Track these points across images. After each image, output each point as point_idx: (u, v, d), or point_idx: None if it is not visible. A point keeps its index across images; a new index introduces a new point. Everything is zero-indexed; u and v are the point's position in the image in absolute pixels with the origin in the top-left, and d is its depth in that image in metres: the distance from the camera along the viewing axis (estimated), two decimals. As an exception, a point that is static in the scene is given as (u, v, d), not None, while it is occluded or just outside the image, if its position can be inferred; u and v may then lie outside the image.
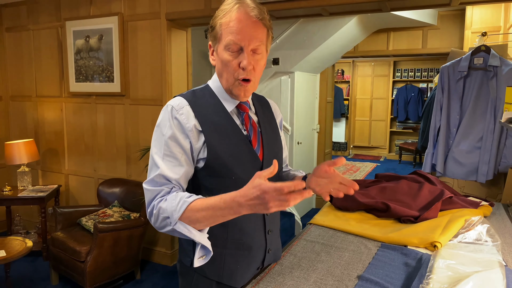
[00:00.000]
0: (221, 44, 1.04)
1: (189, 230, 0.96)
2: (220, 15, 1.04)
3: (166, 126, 1.05)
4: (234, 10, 1.01)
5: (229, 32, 1.01)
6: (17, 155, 3.49)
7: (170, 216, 0.96)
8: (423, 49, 4.86)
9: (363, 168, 7.66)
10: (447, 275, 1.14)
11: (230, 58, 1.03)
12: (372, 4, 2.55)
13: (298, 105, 4.32)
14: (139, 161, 3.34)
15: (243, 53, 1.02)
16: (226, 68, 1.05)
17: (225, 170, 1.07)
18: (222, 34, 1.03)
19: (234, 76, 1.05)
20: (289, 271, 1.24)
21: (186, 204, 0.95)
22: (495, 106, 2.54)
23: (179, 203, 0.96)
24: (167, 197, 1.00)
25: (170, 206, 0.97)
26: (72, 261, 2.81)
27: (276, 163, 0.88)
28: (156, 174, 1.02)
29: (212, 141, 1.06)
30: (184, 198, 0.97)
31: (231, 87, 1.08)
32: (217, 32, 1.04)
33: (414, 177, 2.00)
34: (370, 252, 1.38)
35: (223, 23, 1.02)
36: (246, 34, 1.01)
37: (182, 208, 0.95)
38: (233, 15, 1.01)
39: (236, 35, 1.01)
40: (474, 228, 1.53)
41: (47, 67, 3.82)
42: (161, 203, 0.99)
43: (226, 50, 1.03)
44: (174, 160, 1.03)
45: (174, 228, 0.96)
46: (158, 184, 1.02)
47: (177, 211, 0.95)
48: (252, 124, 1.15)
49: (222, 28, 1.03)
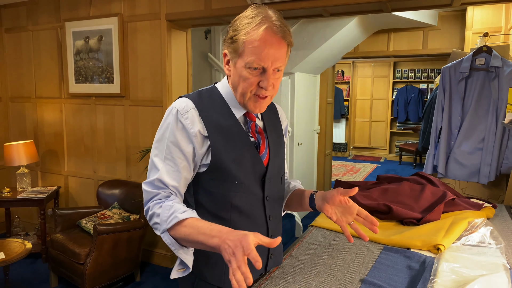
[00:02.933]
0: (241, 60, 1.00)
1: (172, 243, 0.98)
2: (243, 29, 0.98)
3: (169, 129, 1.03)
4: (261, 31, 0.96)
5: (253, 52, 0.97)
6: (16, 156, 3.48)
7: (160, 224, 0.99)
8: (423, 49, 4.85)
9: (363, 169, 7.65)
10: (452, 278, 1.12)
11: (250, 76, 1.00)
12: (373, 5, 2.54)
13: (299, 106, 4.31)
14: (139, 163, 3.32)
15: (265, 73, 0.99)
16: (244, 84, 1.02)
17: (228, 175, 1.06)
18: (245, 52, 0.98)
19: (251, 92, 1.03)
20: (291, 275, 1.22)
21: (175, 220, 0.96)
22: (497, 107, 2.53)
23: (170, 216, 0.97)
24: (163, 204, 1.00)
25: (162, 215, 0.99)
26: (71, 263, 2.80)
27: (280, 239, 0.88)
28: (154, 178, 1.02)
29: (217, 145, 1.04)
30: (176, 213, 0.97)
31: (246, 101, 1.05)
32: (239, 47, 0.99)
33: (416, 179, 1.98)
34: (373, 255, 1.37)
35: (247, 41, 0.97)
36: (270, 56, 0.98)
37: (171, 223, 0.97)
38: (259, 35, 0.96)
39: (260, 57, 0.97)
40: (478, 230, 1.52)
41: (46, 68, 3.81)
42: (156, 207, 1.01)
43: (247, 68, 0.99)
44: (174, 165, 1.03)
45: (161, 236, 1.00)
46: (156, 187, 1.03)
47: (167, 223, 0.97)
48: (258, 131, 1.13)
49: (245, 45, 0.98)
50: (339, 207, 1.07)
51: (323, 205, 1.08)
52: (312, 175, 4.98)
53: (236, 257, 0.80)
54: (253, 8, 1.01)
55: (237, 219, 1.10)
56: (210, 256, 1.09)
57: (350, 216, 1.07)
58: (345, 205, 1.05)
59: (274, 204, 1.19)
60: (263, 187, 1.13)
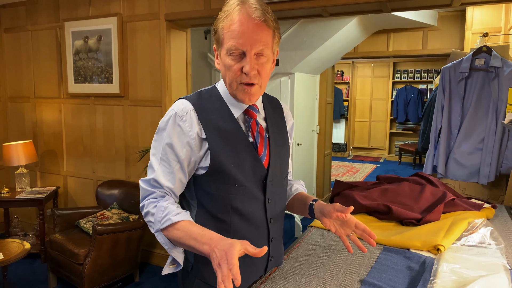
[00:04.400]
0: (223, 48, 1.00)
1: (166, 243, 1.02)
2: (222, 17, 0.99)
3: (165, 131, 1.04)
4: (235, 12, 0.96)
5: (230, 36, 0.96)
6: (15, 156, 3.47)
7: (154, 223, 1.02)
8: (423, 50, 4.85)
9: (363, 170, 7.65)
10: (452, 279, 1.12)
11: (232, 63, 0.98)
12: (373, 5, 2.54)
13: (298, 106, 4.30)
14: (138, 163, 3.31)
15: (246, 58, 0.97)
16: (229, 73, 1.01)
17: (228, 177, 1.05)
18: (224, 38, 0.98)
19: (236, 81, 1.01)
20: (291, 275, 1.21)
21: (168, 222, 0.99)
22: (497, 107, 2.53)
23: (164, 218, 1.00)
24: (158, 204, 1.02)
25: (156, 215, 1.01)
26: (70, 264, 2.79)
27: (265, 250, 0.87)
28: (151, 178, 1.05)
29: (216, 147, 1.03)
30: (170, 215, 0.99)
31: (235, 92, 1.04)
32: (219, 35, 1.00)
33: (416, 179, 1.98)
34: (373, 255, 1.36)
35: (225, 26, 0.97)
36: (248, 38, 0.95)
37: (164, 225, 0.99)
38: (235, 17, 0.96)
39: (237, 39, 0.96)
40: (478, 231, 1.51)
41: (45, 68, 3.80)
42: (151, 206, 1.03)
43: (228, 55, 0.99)
44: (169, 167, 1.04)
45: (155, 235, 1.03)
46: (152, 186, 1.05)
47: (160, 224, 1.00)
48: (259, 130, 1.11)
49: (223, 32, 0.98)
50: (337, 221, 1.10)
51: (321, 218, 1.12)
52: (312, 175, 4.98)
53: (221, 270, 0.81)
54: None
55: (237, 222, 1.08)
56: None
57: (349, 229, 1.10)
58: (342, 220, 1.08)
59: (276, 207, 1.17)
60: (264, 189, 1.11)
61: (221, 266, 0.82)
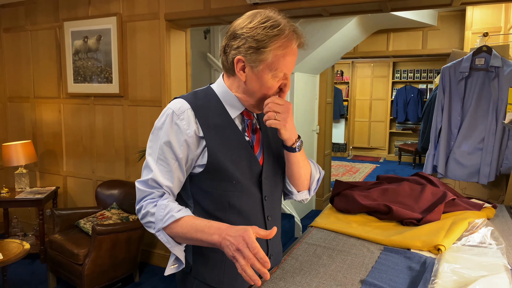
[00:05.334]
0: (268, 69, 1.01)
1: (168, 241, 1.01)
2: (272, 41, 0.99)
3: (162, 130, 1.04)
4: (293, 47, 1.02)
5: (284, 65, 1.01)
6: (14, 156, 3.46)
7: (155, 223, 1.01)
8: (423, 49, 4.85)
9: (363, 169, 7.65)
10: (453, 279, 1.11)
11: (275, 84, 1.04)
12: (373, 4, 2.54)
13: (298, 106, 4.30)
14: (137, 163, 3.31)
15: (287, 79, 1.05)
16: (267, 90, 1.04)
17: (225, 175, 1.06)
18: (274, 63, 1.01)
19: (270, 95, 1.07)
20: (291, 276, 1.21)
21: (172, 219, 0.99)
22: (497, 107, 2.52)
23: (166, 215, 0.99)
24: (158, 203, 1.02)
25: (157, 214, 1.01)
26: (70, 264, 2.78)
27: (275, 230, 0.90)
28: (148, 178, 1.04)
29: (213, 145, 1.04)
30: (172, 212, 0.99)
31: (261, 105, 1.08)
32: (267, 58, 1.00)
33: (416, 179, 1.97)
34: (373, 255, 1.36)
35: (279, 55, 1.00)
36: (293, 64, 1.05)
37: (168, 222, 0.99)
38: (291, 51, 1.02)
39: (288, 67, 1.03)
40: (478, 230, 1.51)
41: (45, 68, 3.79)
42: (150, 206, 1.03)
43: (273, 77, 1.02)
44: (167, 166, 1.04)
45: (156, 234, 1.02)
46: (150, 187, 1.05)
47: (162, 222, 1.00)
48: (254, 129, 1.13)
49: (275, 57, 1.00)
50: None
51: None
52: (312, 175, 4.96)
53: (242, 254, 0.83)
54: (267, 15, 1.02)
55: (235, 219, 1.09)
56: (208, 257, 1.09)
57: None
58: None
59: (273, 204, 1.18)
60: (260, 187, 1.13)
61: (242, 250, 0.83)
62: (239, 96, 1.09)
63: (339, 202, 1.82)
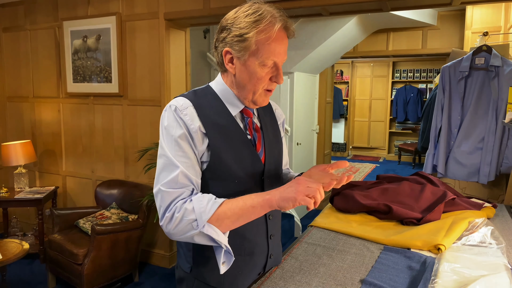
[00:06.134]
0: (254, 58, 1.00)
1: (217, 233, 0.94)
2: (254, 27, 0.98)
3: (174, 126, 1.01)
4: (276, 29, 0.98)
5: (269, 51, 0.99)
6: (14, 156, 3.46)
7: (198, 218, 0.93)
8: (422, 49, 4.85)
9: (363, 169, 7.64)
10: (453, 279, 1.11)
11: (263, 74, 1.02)
12: (373, 4, 2.53)
13: (298, 106, 4.29)
14: (137, 162, 3.31)
15: (278, 69, 1.03)
16: (256, 81, 1.03)
17: (228, 174, 1.04)
18: (259, 50, 0.99)
19: (263, 87, 1.05)
20: (291, 275, 1.21)
21: (216, 205, 0.94)
22: (497, 107, 2.52)
23: (208, 203, 0.94)
24: (192, 198, 0.97)
25: (198, 207, 0.94)
26: (69, 264, 2.78)
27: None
28: (177, 174, 0.97)
29: (216, 143, 1.03)
30: (212, 199, 0.95)
31: (256, 97, 1.06)
32: (251, 46, 0.99)
33: (416, 179, 1.97)
34: (373, 255, 1.36)
35: (261, 40, 0.98)
36: (282, 52, 1.02)
37: (213, 209, 0.93)
38: (274, 35, 0.98)
39: (275, 54, 1.00)
40: (478, 230, 1.51)
41: (44, 67, 3.79)
42: (186, 204, 0.95)
43: (261, 66, 1.01)
44: (188, 160, 1.00)
45: (202, 231, 0.93)
46: (179, 185, 0.97)
47: (207, 212, 0.93)
48: (255, 128, 1.13)
49: (258, 44, 0.98)
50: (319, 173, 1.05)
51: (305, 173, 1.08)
52: (311, 175, 4.97)
53: (313, 188, 0.89)
54: (251, 4, 1.02)
55: None
56: (209, 258, 1.08)
57: (326, 179, 1.02)
58: (324, 173, 1.04)
59: None
60: (262, 186, 1.12)
61: (312, 185, 0.89)
62: (235, 93, 1.08)
63: (339, 202, 1.82)
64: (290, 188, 0.90)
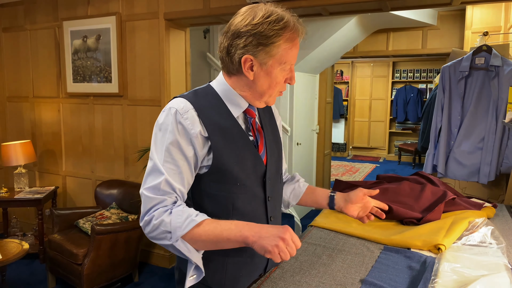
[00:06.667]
0: (278, 63, 1.01)
1: (189, 249, 0.95)
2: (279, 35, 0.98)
3: (168, 131, 0.99)
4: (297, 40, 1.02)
5: (291, 57, 1.02)
6: (13, 156, 3.46)
7: (172, 232, 0.94)
8: (422, 49, 4.84)
9: (363, 169, 7.64)
10: (453, 279, 1.11)
11: (282, 77, 1.05)
12: (373, 4, 2.53)
13: (298, 106, 4.29)
14: (137, 162, 3.31)
15: (291, 71, 1.06)
16: (276, 85, 1.05)
17: (230, 177, 1.03)
18: (283, 57, 1.01)
19: (278, 90, 1.07)
20: (290, 275, 1.21)
21: (193, 223, 0.93)
22: (497, 106, 2.52)
23: (186, 221, 0.94)
24: (173, 210, 0.96)
25: (175, 221, 0.94)
26: (69, 264, 2.78)
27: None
28: (159, 182, 0.96)
29: (218, 146, 1.02)
30: (192, 217, 0.94)
31: (268, 99, 1.08)
32: (276, 52, 0.99)
33: (416, 178, 1.97)
34: (373, 255, 1.35)
35: (287, 48, 1.00)
36: (297, 55, 1.06)
37: (189, 227, 0.93)
38: (296, 43, 1.02)
39: (294, 59, 1.04)
40: (478, 230, 1.51)
41: (44, 67, 3.79)
42: (165, 215, 0.95)
43: (282, 71, 1.03)
44: (176, 168, 0.98)
45: (174, 245, 0.94)
46: (161, 193, 0.97)
47: (182, 229, 0.93)
48: (258, 129, 1.12)
49: (284, 51, 1.00)
50: (360, 205, 1.22)
51: (345, 206, 1.23)
52: (311, 175, 4.97)
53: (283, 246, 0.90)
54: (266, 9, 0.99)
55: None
56: (210, 260, 1.07)
57: (367, 210, 1.25)
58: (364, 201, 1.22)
59: (275, 205, 1.18)
60: (264, 187, 1.11)
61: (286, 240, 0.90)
62: (244, 95, 1.07)
63: (339, 202, 1.81)
64: (272, 238, 0.90)
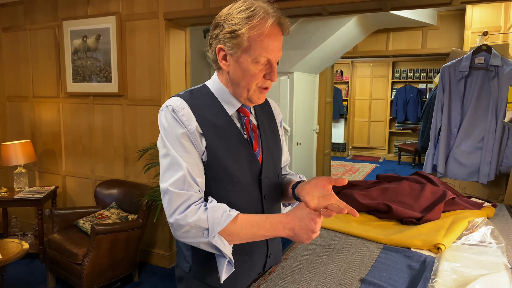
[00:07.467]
0: (246, 55, 0.99)
1: (225, 244, 0.96)
2: (246, 23, 0.96)
3: (175, 126, 1.00)
4: (268, 25, 0.96)
5: (262, 47, 0.98)
6: (13, 156, 3.45)
7: (210, 229, 0.94)
8: (422, 49, 4.85)
9: (362, 169, 7.64)
10: (453, 278, 1.11)
11: (257, 71, 1.01)
12: (372, 3, 2.53)
13: (297, 106, 4.29)
14: (137, 162, 3.30)
15: (272, 66, 1.01)
16: (250, 78, 1.01)
17: (225, 174, 1.04)
18: (251, 47, 0.98)
19: (257, 85, 1.03)
20: (290, 275, 1.21)
21: (230, 218, 0.95)
22: (497, 106, 2.52)
23: (222, 216, 0.95)
24: (208, 206, 0.97)
25: (212, 217, 0.95)
26: (69, 264, 2.78)
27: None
28: (183, 174, 0.97)
29: (213, 144, 1.02)
30: (227, 212, 0.96)
31: (250, 95, 1.05)
32: (243, 42, 0.97)
33: (416, 178, 1.97)
34: (373, 254, 1.35)
35: (253, 36, 0.97)
36: (275, 48, 1.00)
37: (226, 222, 0.94)
38: (267, 29, 0.97)
39: (267, 50, 0.98)
40: (478, 229, 1.51)
41: (44, 67, 3.79)
42: (200, 212, 0.95)
43: (254, 63, 0.99)
44: (191, 159, 0.99)
45: (211, 241, 0.95)
46: (186, 187, 0.97)
47: (220, 224, 0.94)
48: (252, 127, 1.12)
49: (250, 40, 0.97)
50: (319, 190, 1.00)
51: (303, 186, 1.04)
52: (311, 175, 4.97)
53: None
54: (250, 2, 1.00)
55: None
56: (209, 258, 1.07)
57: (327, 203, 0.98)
58: (327, 192, 1.00)
59: (272, 203, 1.17)
60: (260, 186, 1.11)
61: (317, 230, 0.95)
62: (230, 91, 1.07)
63: (339, 201, 1.81)
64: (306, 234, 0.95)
